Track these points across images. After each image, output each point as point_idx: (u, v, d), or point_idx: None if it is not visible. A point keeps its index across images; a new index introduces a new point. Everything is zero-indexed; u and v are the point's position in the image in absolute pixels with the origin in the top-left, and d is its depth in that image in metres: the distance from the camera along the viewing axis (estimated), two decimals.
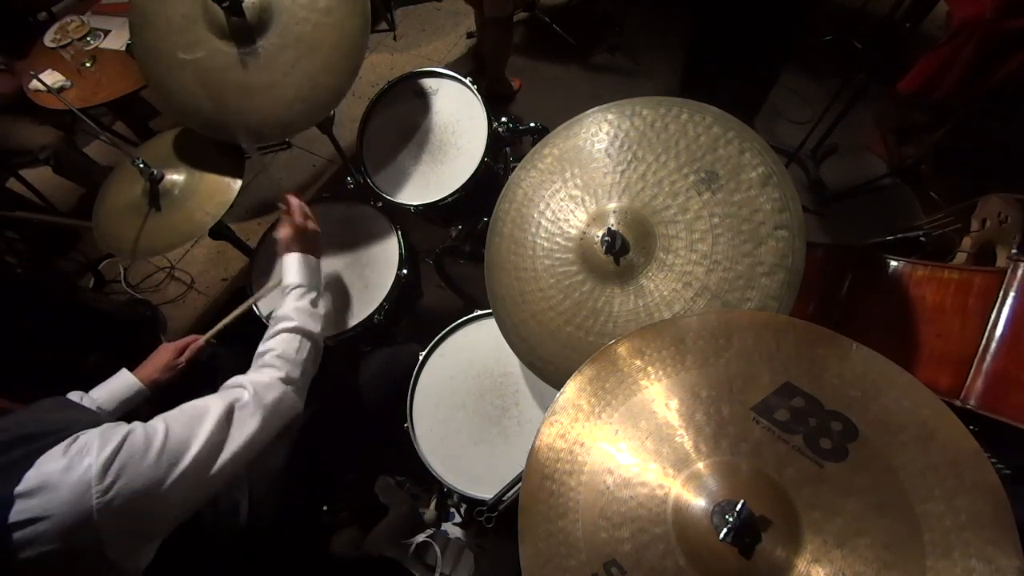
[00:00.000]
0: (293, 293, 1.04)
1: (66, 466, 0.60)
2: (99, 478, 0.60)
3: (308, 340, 0.97)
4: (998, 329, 0.89)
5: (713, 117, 0.87)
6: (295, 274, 1.06)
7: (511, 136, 1.40)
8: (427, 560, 1.26)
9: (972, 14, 1.46)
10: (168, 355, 1.12)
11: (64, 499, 0.58)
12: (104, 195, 1.41)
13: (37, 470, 0.59)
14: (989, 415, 0.84)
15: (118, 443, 0.65)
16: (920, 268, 1.05)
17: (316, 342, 1.00)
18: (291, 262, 1.08)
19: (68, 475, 0.59)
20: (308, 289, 1.05)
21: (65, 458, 0.61)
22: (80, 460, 0.61)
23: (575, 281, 0.92)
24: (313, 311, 1.03)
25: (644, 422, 0.68)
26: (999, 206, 1.16)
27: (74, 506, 0.58)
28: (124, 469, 0.63)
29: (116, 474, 0.62)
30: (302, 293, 1.04)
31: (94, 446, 0.63)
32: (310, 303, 1.03)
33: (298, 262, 1.08)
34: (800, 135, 2.05)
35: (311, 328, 0.99)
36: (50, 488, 0.58)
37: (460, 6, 2.95)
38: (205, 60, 1.24)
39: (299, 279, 1.05)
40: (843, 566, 0.53)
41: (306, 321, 0.99)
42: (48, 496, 0.58)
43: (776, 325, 0.70)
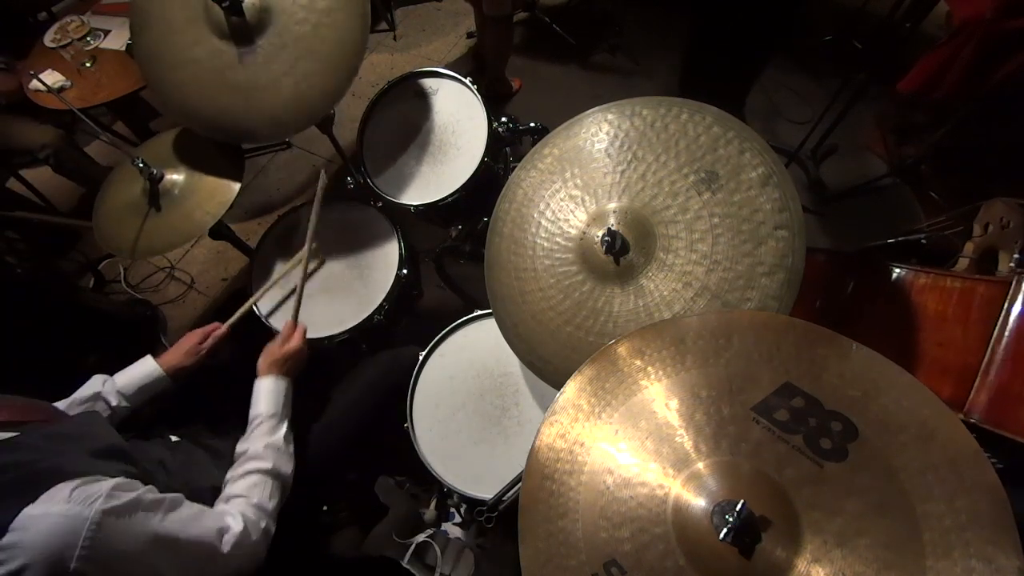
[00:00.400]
0: (264, 426, 0.99)
1: (64, 513, 0.61)
2: (91, 528, 0.62)
3: (278, 483, 0.94)
4: (1002, 343, 0.88)
5: (713, 117, 0.87)
6: (268, 403, 1.02)
7: (511, 136, 1.40)
8: (427, 560, 1.26)
9: (972, 14, 1.46)
10: (193, 339, 1.13)
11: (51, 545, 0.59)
12: (104, 195, 1.41)
13: (39, 506, 0.60)
14: (993, 430, 0.84)
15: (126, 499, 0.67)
16: (923, 276, 1.04)
17: (286, 484, 0.97)
18: (263, 388, 1.03)
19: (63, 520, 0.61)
20: (280, 420, 1.02)
21: (68, 504, 0.62)
22: (80, 509, 0.62)
23: (575, 281, 0.92)
24: (284, 448, 0.99)
25: (644, 422, 0.68)
26: (1002, 210, 1.16)
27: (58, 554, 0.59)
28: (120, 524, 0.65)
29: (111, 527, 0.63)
30: (274, 426, 1.00)
31: (100, 499, 0.64)
32: (282, 439, 0.99)
33: (271, 388, 1.04)
34: (800, 135, 2.05)
35: (284, 470, 0.96)
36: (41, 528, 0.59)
37: (460, 6, 2.95)
38: (205, 60, 1.24)
39: (272, 408, 1.02)
40: (843, 566, 0.53)
41: (279, 462, 0.96)
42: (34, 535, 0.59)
43: (776, 325, 0.70)
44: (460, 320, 1.26)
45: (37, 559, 0.58)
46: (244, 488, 0.90)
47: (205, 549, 0.76)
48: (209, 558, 0.77)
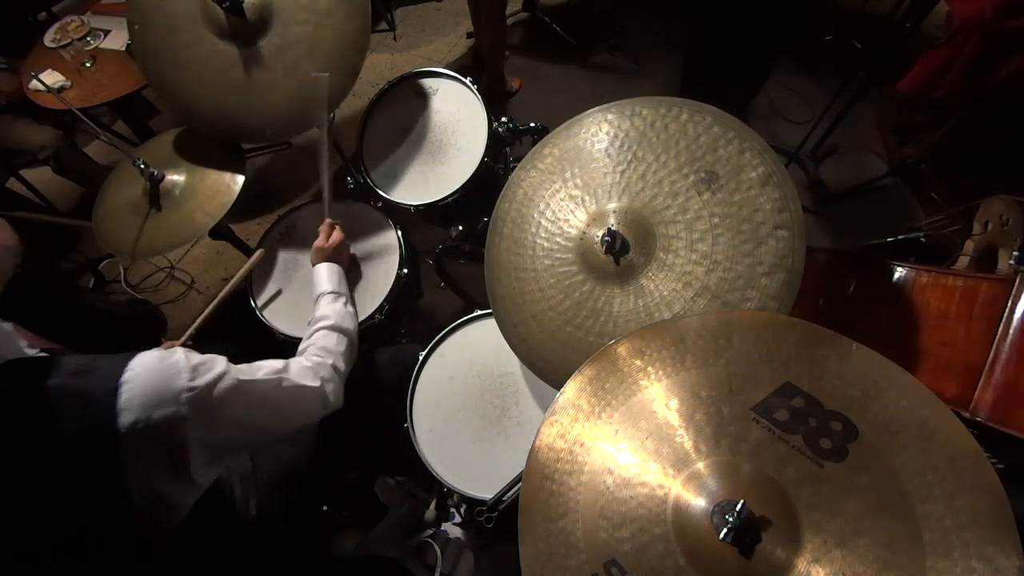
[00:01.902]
0: (326, 298, 1.14)
1: (161, 357, 0.69)
2: (188, 369, 0.70)
3: (345, 336, 1.06)
4: (1007, 341, 0.88)
5: (713, 117, 0.87)
6: (326, 282, 1.17)
7: (511, 136, 1.40)
8: (427, 560, 1.26)
9: (972, 14, 1.46)
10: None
11: (160, 376, 0.67)
12: (104, 195, 1.41)
13: (139, 358, 0.68)
14: (999, 428, 0.84)
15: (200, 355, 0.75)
16: (924, 274, 1.04)
17: (351, 339, 1.08)
18: (321, 272, 1.18)
19: (163, 362, 0.69)
20: (339, 294, 1.15)
21: (159, 353, 0.70)
22: (171, 355, 0.70)
23: (575, 281, 0.92)
24: (347, 311, 1.12)
25: (644, 422, 0.68)
26: (1001, 208, 1.16)
27: (165, 384, 0.67)
28: (206, 367, 0.73)
29: (200, 368, 0.72)
30: (334, 298, 1.14)
31: (180, 351, 0.72)
32: (343, 305, 1.13)
33: (327, 272, 1.19)
34: (800, 135, 2.05)
35: (347, 326, 1.08)
36: (149, 371, 0.67)
37: (460, 6, 2.95)
38: (207, 60, 1.24)
39: (330, 286, 1.16)
40: (843, 566, 0.53)
41: (342, 320, 1.09)
42: (148, 376, 0.66)
43: (776, 325, 0.70)
44: (460, 320, 1.26)
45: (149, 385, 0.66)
46: (312, 340, 1.03)
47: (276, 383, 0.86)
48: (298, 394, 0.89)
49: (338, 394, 0.97)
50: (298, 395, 0.89)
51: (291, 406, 0.89)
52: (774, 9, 1.68)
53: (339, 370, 0.99)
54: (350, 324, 1.10)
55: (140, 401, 0.64)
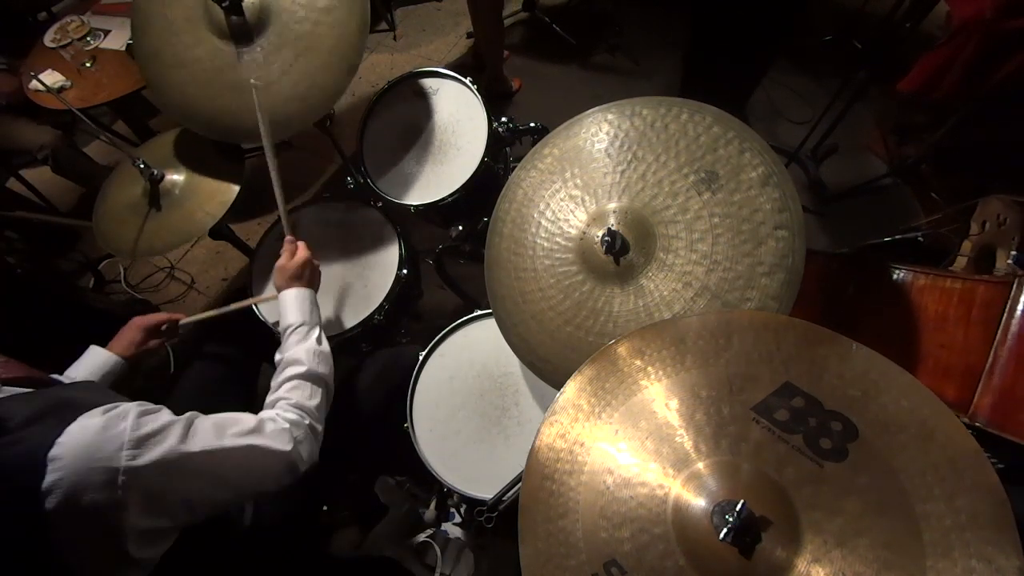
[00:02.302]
0: (297, 332, 1.01)
1: (103, 425, 0.63)
2: (131, 443, 0.63)
3: (319, 386, 0.95)
4: (1005, 345, 0.87)
5: (713, 117, 0.87)
6: (296, 312, 1.03)
7: (511, 136, 1.40)
8: (427, 560, 1.26)
9: (972, 14, 1.46)
10: (137, 335, 1.12)
11: (92, 454, 0.61)
12: (104, 195, 1.41)
13: (78, 424, 0.62)
14: (998, 434, 0.84)
15: (154, 415, 0.68)
16: (922, 277, 1.03)
17: (328, 386, 0.98)
18: (288, 300, 1.05)
19: (104, 434, 0.62)
20: (310, 327, 1.03)
21: (103, 418, 0.64)
22: (116, 423, 0.64)
23: (575, 281, 0.92)
24: (318, 350, 1.00)
25: (644, 422, 0.68)
26: (998, 208, 1.16)
27: (100, 462, 0.61)
28: (156, 440, 0.66)
29: (148, 442, 0.65)
30: (306, 332, 1.01)
31: (131, 414, 0.66)
32: (315, 342, 1.00)
33: (297, 298, 1.05)
34: (800, 135, 2.05)
35: (321, 371, 0.97)
36: (85, 443, 0.61)
37: (460, 6, 2.95)
38: (205, 59, 1.24)
39: (300, 317, 1.03)
40: (843, 566, 0.53)
41: (316, 363, 0.97)
42: (78, 453, 0.60)
43: (776, 325, 0.70)
44: (460, 320, 1.26)
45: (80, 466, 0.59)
46: (284, 392, 0.92)
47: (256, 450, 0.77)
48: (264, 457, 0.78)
49: (313, 454, 0.88)
50: (267, 461, 0.79)
51: (256, 475, 0.79)
52: (774, 9, 1.68)
53: (316, 431, 0.90)
54: (325, 368, 0.98)
55: (69, 481, 0.58)
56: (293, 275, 1.08)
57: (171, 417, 0.71)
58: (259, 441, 0.78)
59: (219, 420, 0.77)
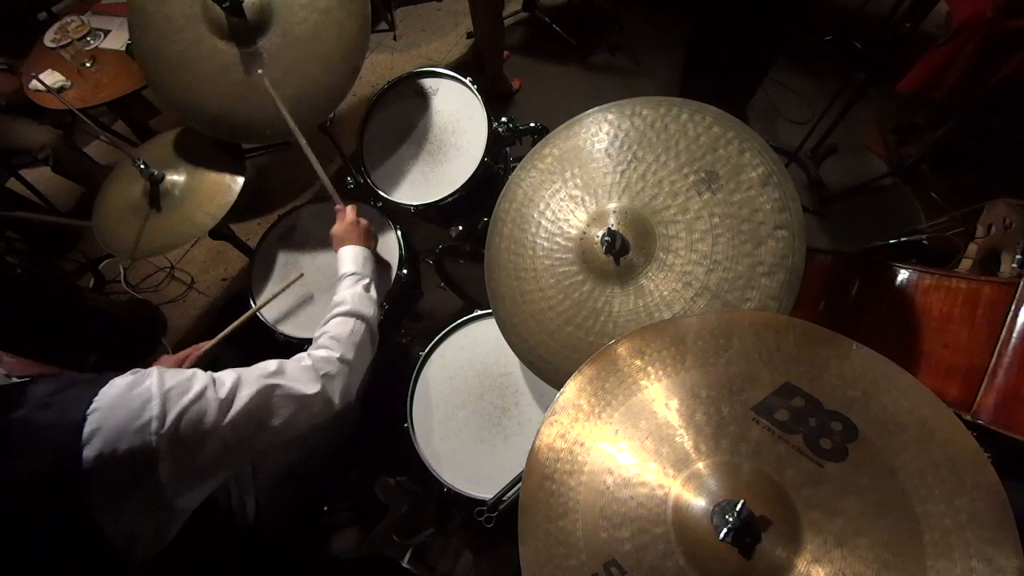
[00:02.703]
0: (347, 280, 1.09)
1: (131, 383, 0.67)
2: (159, 397, 0.67)
3: (362, 322, 1.02)
4: (1010, 345, 0.88)
5: (713, 117, 0.87)
6: (348, 263, 1.12)
7: (511, 136, 1.40)
8: (427, 560, 1.26)
9: (972, 14, 1.46)
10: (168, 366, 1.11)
11: (125, 407, 0.64)
12: (104, 195, 1.41)
13: (107, 386, 0.65)
14: (1001, 432, 0.84)
15: (177, 375, 0.71)
16: (927, 277, 1.03)
17: (371, 326, 1.04)
18: (345, 254, 1.14)
19: (131, 391, 0.66)
20: (361, 276, 1.10)
21: (131, 377, 0.68)
22: (142, 380, 0.68)
23: (575, 281, 0.92)
24: (366, 295, 1.07)
25: (644, 422, 0.68)
26: (1005, 212, 1.16)
27: (133, 414, 0.64)
28: (181, 391, 0.69)
29: (173, 394, 0.68)
30: (355, 280, 1.09)
31: (154, 375, 0.69)
32: (363, 288, 1.08)
33: (351, 253, 1.14)
34: (800, 135, 2.05)
35: (364, 312, 1.04)
36: (116, 402, 0.64)
37: (460, 6, 2.95)
38: (207, 60, 1.24)
39: (352, 267, 1.11)
40: (843, 566, 0.53)
41: (360, 304, 1.04)
42: (114, 408, 0.64)
43: (776, 325, 0.70)
44: (460, 320, 1.26)
45: (116, 416, 0.63)
46: (327, 326, 0.99)
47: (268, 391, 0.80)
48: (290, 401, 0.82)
49: (347, 390, 0.92)
50: (294, 404, 0.83)
51: (285, 417, 0.82)
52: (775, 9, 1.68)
53: (347, 361, 0.94)
54: (369, 310, 1.05)
55: (105, 434, 0.61)
56: (345, 235, 1.16)
57: (193, 372, 0.74)
58: (282, 383, 0.82)
59: (241, 369, 0.81)
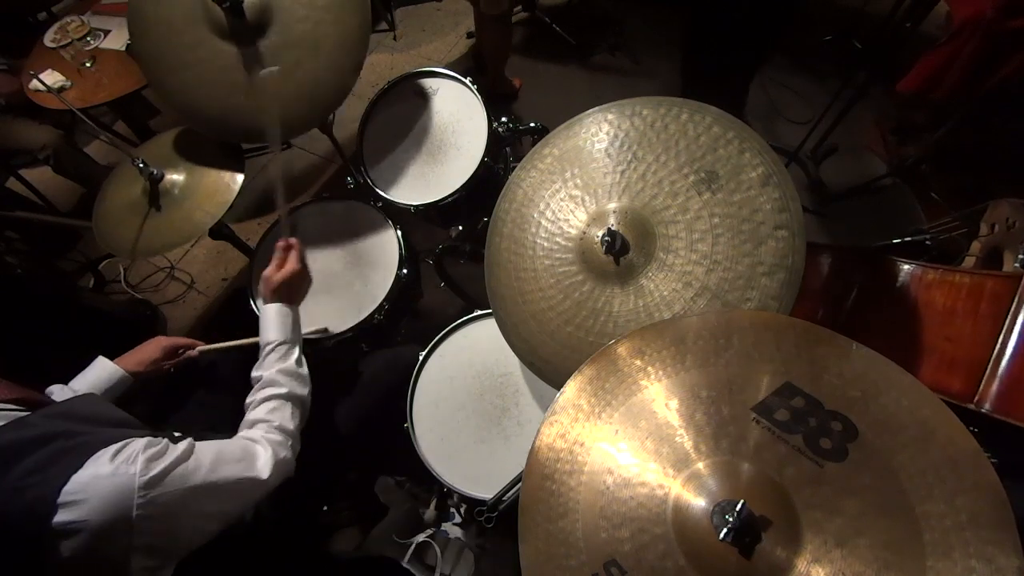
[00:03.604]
0: (276, 352, 1.01)
1: (113, 472, 0.64)
2: (142, 487, 0.65)
3: (298, 407, 0.98)
4: (1013, 335, 0.88)
5: (713, 117, 0.87)
6: (276, 330, 1.03)
7: (511, 136, 1.40)
8: (427, 560, 1.26)
9: (972, 14, 1.46)
10: (157, 353, 1.10)
11: (107, 504, 0.62)
12: (104, 195, 1.41)
13: (86, 471, 0.63)
14: (1004, 419, 0.84)
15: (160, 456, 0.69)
16: (930, 271, 1.04)
17: (304, 406, 1.00)
18: (269, 316, 1.04)
19: (114, 480, 0.63)
20: (290, 346, 1.03)
21: (112, 465, 0.65)
22: (126, 468, 0.65)
23: (575, 281, 0.92)
24: (298, 372, 1.01)
25: (644, 422, 0.68)
26: (1008, 211, 1.17)
27: (116, 511, 0.62)
28: (164, 482, 0.68)
29: (157, 486, 0.67)
30: (285, 351, 1.02)
31: (139, 459, 0.67)
32: (294, 363, 1.01)
33: (282, 315, 1.05)
34: (800, 135, 2.05)
35: (299, 392, 0.99)
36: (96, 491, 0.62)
37: (460, 6, 2.95)
38: (207, 61, 1.24)
39: (281, 335, 1.03)
40: (843, 566, 0.53)
41: (294, 386, 0.98)
42: (93, 500, 0.61)
43: (776, 325, 0.70)
44: (460, 320, 1.26)
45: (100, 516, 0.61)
46: (264, 413, 0.93)
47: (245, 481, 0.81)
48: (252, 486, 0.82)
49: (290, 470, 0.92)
50: (256, 487, 0.83)
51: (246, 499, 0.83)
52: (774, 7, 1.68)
53: (295, 450, 0.94)
54: (304, 389, 1.00)
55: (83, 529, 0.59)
56: (276, 290, 1.06)
57: (175, 454, 0.72)
58: (251, 473, 0.82)
59: (215, 452, 0.79)
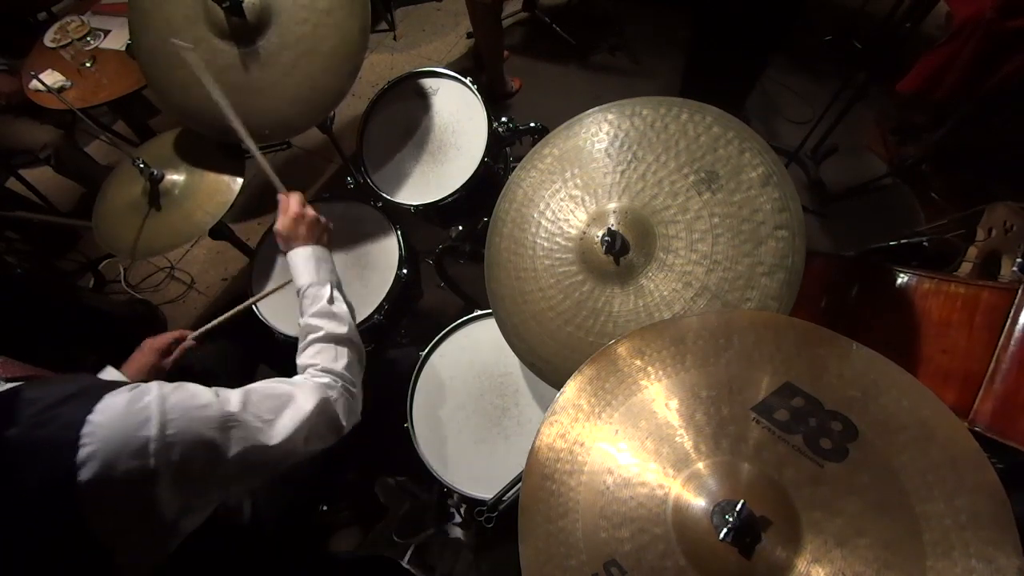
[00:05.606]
0: (307, 296, 0.98)
1: (129, 400, 0.63)
2: (159, 413, 0.63)
3: (343, 346, 0.94)
4: (1008, 351, 0.87)
5: (713, 117, 0.87)
6: (303, 273, 0.99)
7: (511, 136, 1.40)
8: (427, 560, 1.26)
9: (972, 14, 1.46)
10: (151, 357, 1.08)
11: (121, 426, 0.61)
12: (104, 195, 1.41)
13: (104, 401, 0.62)
14: (998, 439, 0.83)
15: (176, 388, 0.68)
16: (926, 281, 1.03)
17: (353, 343, 0.96)
18: (297, 259, 1.01)
19: (130, 407, 0.62)
20: (320, 285, 0.99)
21: (129, 394, 0.64)
22: (141, 397, 0.64)
23: (575, 281, 0.92)
24: (331, 310, 0.96)
25: (644, 422, 0.68)
26: (1005, 214, 1.16)
27: (130, 434, 0.61)
28: (183, 410, 0.66)
29: (175, 412, 0.65)
30: (316, 293, 0.98)
31: (154, 389, 0.66)
32: (327, 302, 0.97)
33: (304, 257, 1.01)
34: (800, 135, 2.05)
35: (339, 332, 0.95)
36: (113, 421, 0.61)
37: (460, 6, 2.94)
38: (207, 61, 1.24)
39: (309, 277, 0.99)
40: (843, 566, 0.53)
41: (331, 325, 0.94)
42: (111, 425, 0.60)
43: (776, 325, 0.70)
44: (460, 320, 1.26)
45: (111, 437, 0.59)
46: (309, 357, 0.91)
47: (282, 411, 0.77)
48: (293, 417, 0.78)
49: (354, 412, 0.89)
50: (302, 424, 0.78)
51: (289, 435, 0.77)
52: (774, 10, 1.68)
53: (351, 391, 0.90)
54: (343, 327, 0.95)
55: (101, 456, 0.58)
56: (291, 234, 1.02)
57: (198, 387, 0.70)
58: (290, 400, 0.78)
59: (245, 390, 0.76)
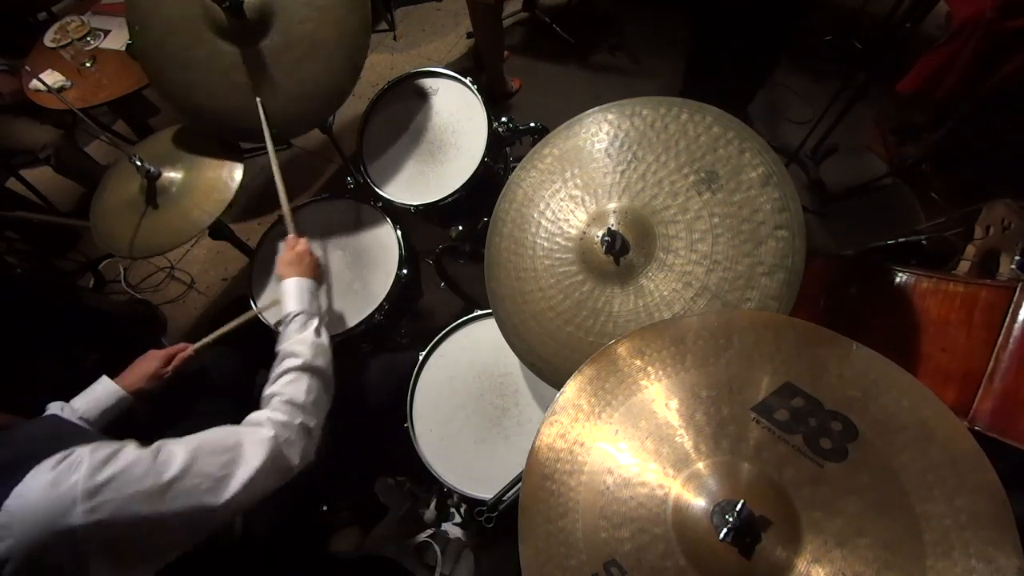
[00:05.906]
0: (295, 322, 1.00)
1: (53, 481, 0.59)
2: (85, 496, 0.59)
3: (317, 378, 0.94)
4: (1007, 350, 0.87)
5: (713, 117, 0.87)
6: (294, 300, 1.03)
7: (511, 136, 1.40)
8: (427, 560, 1.26)
9: (972, 14, 1.46)
10: (154, 364, 1.09)
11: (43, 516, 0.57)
12: (101, 193, 1.41)
13: (24, 484, 0.58)
14: (998, 438, 0.83)
15: (109, 460, 0.63)
16: (925, 280, 1.03)
17: (326, 379, 0.96)
18: (291, 286, 1.05)
19: (53, 490, 0.58)
20: (308, 316, 1.02)
21: (53, 473, 0.60)
22: (67, 476, 0.59)
23: (575, 281, 0.92)
24: (316, 341, 0.98)
25: (644, 422, 0.68)
26: (1003, 212, 1.16)
27: (53, 523, 0.57)
28: (114, 485, 0.62)
29: (104, 490, 0.61)
30: (303, 322, 1.00)
31: (84, 463, 0.61)
32: (312, 333, 0.99)
33: (296, 287, 1.05)
34: (800, 135, 2.05)
35: (318, 363, 0.95)
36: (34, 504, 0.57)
37: (460, 6, 2.95)
38: (208, 61, 1.24)
39: (298, 305, 1.03)
40: (843, 566, 0.53)
41: (312, 356, 0.95)
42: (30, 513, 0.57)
43: (776, 325, 0.70)
44: (460, 320, 1.26)
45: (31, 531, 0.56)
46: (279, 386, 0.90)
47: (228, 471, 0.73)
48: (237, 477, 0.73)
49: (306, 453, 0.85)
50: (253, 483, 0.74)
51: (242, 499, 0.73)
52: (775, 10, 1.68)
53: (308, 428, 0.87)
54: (322, 360, 0.96)
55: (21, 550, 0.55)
56: (292, 264, 1.09)
57: (134, 455, 0.66)
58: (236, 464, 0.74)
59: (195, 447, 0.72)
